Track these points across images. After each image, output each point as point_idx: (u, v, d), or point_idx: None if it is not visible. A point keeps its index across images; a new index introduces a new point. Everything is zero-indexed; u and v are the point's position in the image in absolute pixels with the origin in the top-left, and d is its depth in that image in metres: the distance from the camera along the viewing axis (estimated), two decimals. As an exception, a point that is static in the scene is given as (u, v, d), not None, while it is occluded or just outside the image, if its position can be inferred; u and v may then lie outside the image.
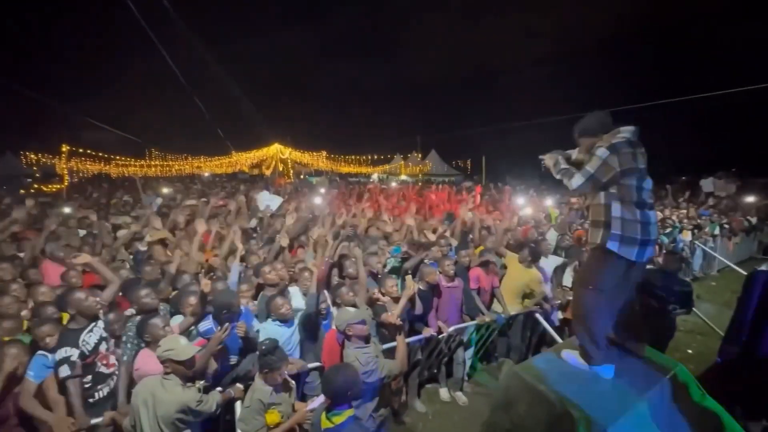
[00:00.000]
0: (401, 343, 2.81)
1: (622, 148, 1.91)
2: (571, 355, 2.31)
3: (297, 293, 3.60)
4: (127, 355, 2.65)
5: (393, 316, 3.00)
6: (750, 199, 11.27)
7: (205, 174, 23.80)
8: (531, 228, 6.16)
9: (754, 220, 9.99)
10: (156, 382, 2.21)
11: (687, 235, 7.99)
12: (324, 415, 2.12)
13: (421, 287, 3.79)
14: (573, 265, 4.79)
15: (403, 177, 25.01)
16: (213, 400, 2.37)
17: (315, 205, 7.16)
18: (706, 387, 2.39)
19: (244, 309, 3.07)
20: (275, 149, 24.62)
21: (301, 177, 24.30)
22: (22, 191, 14.33)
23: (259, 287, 3.66)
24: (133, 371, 2.55)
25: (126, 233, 4.85)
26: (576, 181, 1.98)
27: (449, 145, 28.18)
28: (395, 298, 3.43)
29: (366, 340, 2.58)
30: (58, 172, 18.23)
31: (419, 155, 27.29)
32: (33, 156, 18.72)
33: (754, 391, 3.32)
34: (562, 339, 3.93)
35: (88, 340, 2.50)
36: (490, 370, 4.53)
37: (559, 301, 4.59)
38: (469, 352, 4.25)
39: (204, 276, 3.26)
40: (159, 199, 6.45)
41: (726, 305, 5.99)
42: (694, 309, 5.41)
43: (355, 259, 3.76)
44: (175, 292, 3.40)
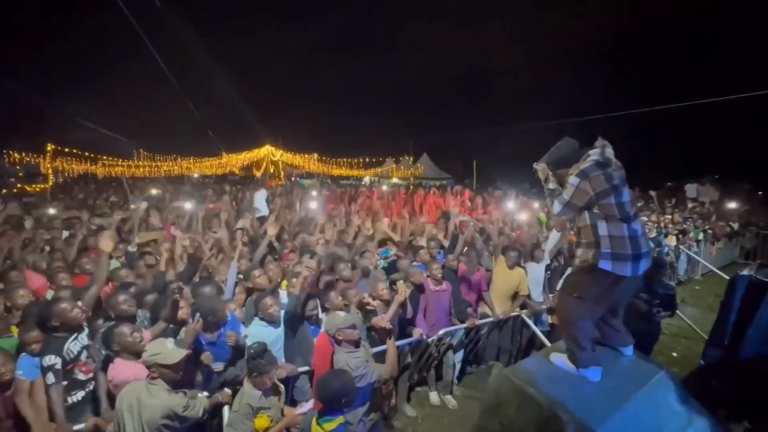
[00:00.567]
0: (391, 347, 2.80)
1: (592, 173, 1.97)
2: (559, 358, 2.33)
3: (285, 294, 3.55)
4: (100, 363, 2.57)
5: (383, 320, 2.99)
6: (732, 205, 11.57)
7: (195, 175, 23.51)
8: (524, 232, 6.20)
9: (735, 226, 10.26)
10: (141, 387, 2.16)
11: (672, 240, 8.17)
12: (315, 421, 2.10)
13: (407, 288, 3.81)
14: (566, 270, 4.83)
15: (394, 180, 25.05)
16: (200, 405, 2.33)
17: (309, 207, 7.09)
18: (690, 389, 2.44)
19: (230, 315, 3.01)
20: (266, 151, 24.46)
21: (293, 179, 24.15)
22: (5, 191, 13.98)
23: (248, 292, 3.59)
24: (108, 382, 2.48)
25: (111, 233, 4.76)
26: (555, 208, 2.11)
27: (441, 149, 28.30)
28: (385, 301, 3.42)
29: (356, 344, 2.57)
30: (42, 172, 17.83)
31: (411, 159, 27.39)
32: (16, 155, 18.23)
33: (737, 393, 3.39)
34: (551, 342, 3.98)
35: (72, 348, 2.46)
36: (480, 373, 4.55)
37: (550, 305, 4.63)
38: (459, 355, 4.27)
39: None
40: (144, 204, 6.23)
41: (709, 309, 6.12)
42: (679, 313, 5.50)
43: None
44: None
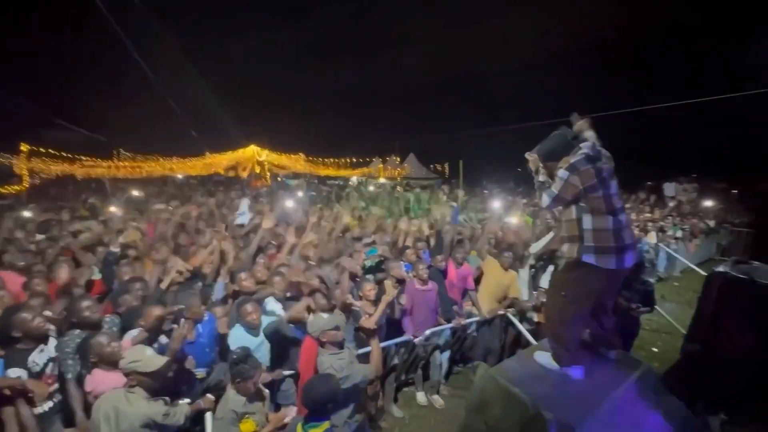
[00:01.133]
0: (375, 347, 2.80)
1: (581, 166, 1.99)
2: (543, 357, 2.36)
3: (271, 298, 3.48)
4: (71, 373, 2.44)
5: (370, 320, 2.98)
6: (708, 203, 11.94)
7: (179, 176, 23.03)
8: (512, 233, 6.25)
9: (712, 223, 10.58)
10: (119, 396, 2.09)
11: (652, 238, 8.36)
12: (300, 426, 2.07)
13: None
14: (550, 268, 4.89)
15: (381, 180, 25.03)
16: (181, 413, 2.27)
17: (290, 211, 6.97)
18: (670, 383, 2.50)
19: (208, 315, 2.95)
20: (252, 151, 24.11)
21: (279, 179, 23.89)
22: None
23: (235, 294, 3.47)
24: (86, 394, 2.36)
25: (88, 235, 4.61)
26: (544, 201, 2.12)
27: (427, 149, 28.40)
28: (373, 302, 3.41)
29: (340, 345, 2.55)
30: (16, 173, 17.21)
31: (398, 159, 27.40)
32: (-13, 155, 17.54)
33: (714, 386, 3.49)
34: (537, 340, 4.02)
35: (38, 360, 2.31)
36: (467, 373, 4.57)
37: (535, 303, 4.68)
38: (446, 354, 4.28)
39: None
40: (119, 208, 6.00)
41: (688, 304, 6.28)
42: (659, 309, 5.65)
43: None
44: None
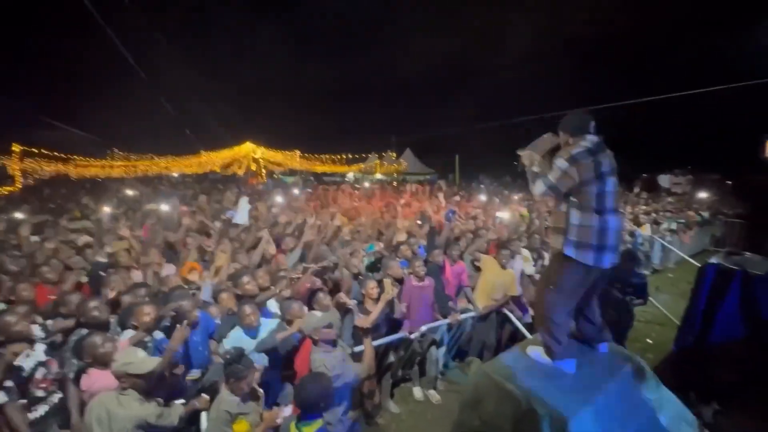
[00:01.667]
0: (368, 347, 2.82)
1: (582, 159, 1.98)
2: (536, 351, 2.37)
3: (272, 300, 3.50)
4: (73, 372, 2.45)
5: (367, 320, 2.99)
6: (702, 194, 12.03)
7: (174, 174, 22.91)
8: (504, 227, 6.26)
9: (706, 215, 10.66)
10: (111, 398, 2.09)
11: (646, 230, 8.41)
12: (293, 425, 2.07)
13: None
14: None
15: (378, 176, 24.99)
16: (175, 414, 2.27)
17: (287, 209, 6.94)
18: (664, 375, 2.51)
19: (201, 315, 2.93)
20: (247, 148, 24.00)
21: (275, 177, 23.80)
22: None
23: (238, 299, 3.40)
24: (82, 393, 2.36)
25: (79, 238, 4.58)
26: (538, 188, 2.10)
27: (424, 144, 28.35)
28: (376, 300, 3.44)
29: (333, 343, 2.56)
30: (9, 174, 17.08)
31: (394, 154, 27.33)
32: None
33: (706, 376, 3.53)
34: (533, 334, 4.04)
35: (24, 365, 2.27)
36: (464, 368, 4.59)
37: (530, 297, 4.69)
38: (442, 350, 4.29)
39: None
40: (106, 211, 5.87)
41: (682, 296, 6.31)
42: (653, 300, 5.70)
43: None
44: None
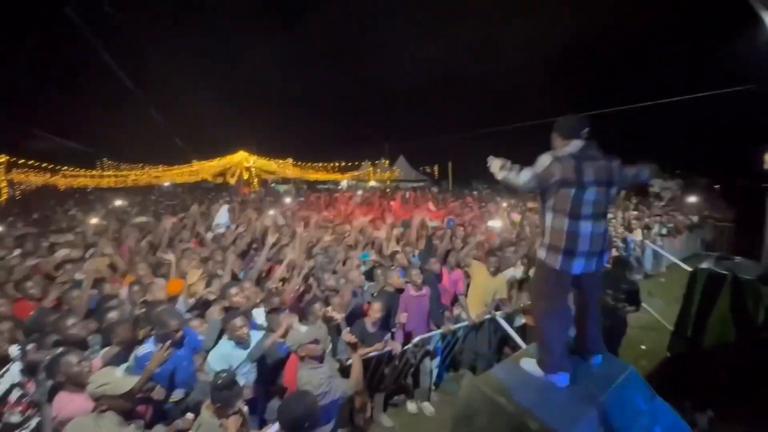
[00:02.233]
0: (357, 362, 2.76)
1: (564, 158, 1.97)
2: (529, 363, 2.32)
3: (261, 312, 3.41)
4: (47, 394, 2.32)
5: (353, 337, 2.94)
6: (692, 198, 12.15)
7: (166, 184, 22.75)
8: (495, 235, 6.25)
9: (696, 219, 10.76)
10: (89, 422, 1.99)
11: (637, 235, 8.45)
12: (278, 445, 2.00)
13: (387, 290, 3.90)
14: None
15: (371, 183, 25.02)
16: (157, 436, 2.19)
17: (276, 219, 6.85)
18: (658, 381, 2.48)
19: (188, 331, 2.84)
20: (240, 157, 23.94)
21: (270, 184, 23.72)
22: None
23: (225, 311, 3.29)
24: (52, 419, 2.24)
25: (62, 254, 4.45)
26: (524, 176, 1.98)
27: (417, 152, 28.50)
28: (376, 320, 3.48)
29: (320, 359, 2.49)
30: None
31: (387, 162, 27.44)
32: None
33: (700, 383, 3.51)
34: (527, 343, 3.99)
35: None
36: (458, 379, 4.52)
37: (522, 305, 4.66)
38: (436, 361, 4.23)
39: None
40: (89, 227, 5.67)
41: (675, 301, 6.26)
42: (646, 306, 5.68)
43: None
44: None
